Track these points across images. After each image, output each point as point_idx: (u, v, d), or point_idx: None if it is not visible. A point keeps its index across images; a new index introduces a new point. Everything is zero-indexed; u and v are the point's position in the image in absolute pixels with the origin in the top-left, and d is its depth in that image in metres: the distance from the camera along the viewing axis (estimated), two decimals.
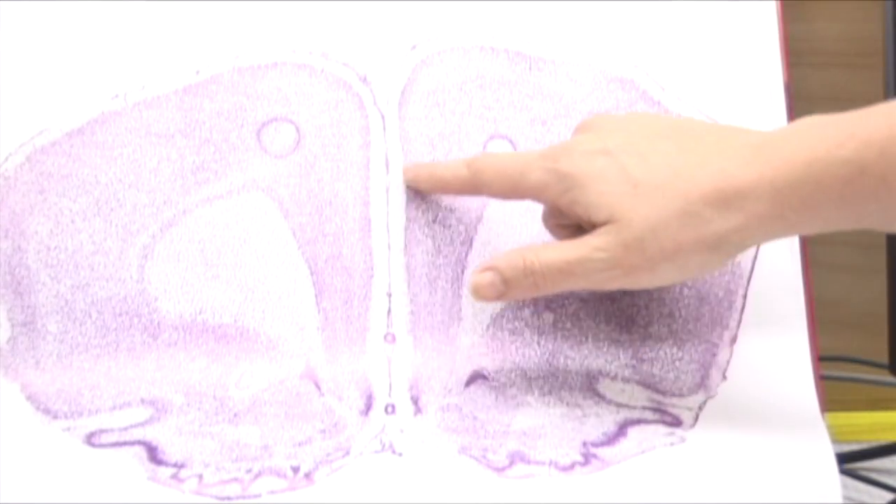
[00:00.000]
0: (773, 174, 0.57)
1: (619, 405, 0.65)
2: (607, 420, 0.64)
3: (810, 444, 0.63)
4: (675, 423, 0.64)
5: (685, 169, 0.59)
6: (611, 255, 0.59)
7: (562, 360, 0.66)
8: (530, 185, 0.62)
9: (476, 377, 0.65)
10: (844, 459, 0.80)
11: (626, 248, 0.59)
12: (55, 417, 0.62)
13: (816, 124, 0.59)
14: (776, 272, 0.67)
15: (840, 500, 0.61)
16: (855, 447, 0.84)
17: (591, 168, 0.60)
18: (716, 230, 0.58)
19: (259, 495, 0.59)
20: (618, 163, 0.60)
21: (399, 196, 0.67)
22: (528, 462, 0.61)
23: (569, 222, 0.63)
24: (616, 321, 0.66)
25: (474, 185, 0.64)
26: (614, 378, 0.66)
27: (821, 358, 0.68)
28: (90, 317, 0.64)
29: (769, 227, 0.59)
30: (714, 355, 0.66)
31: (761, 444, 0.62)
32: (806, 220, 0.58)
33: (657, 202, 0.58)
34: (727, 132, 0.62)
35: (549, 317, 0.66)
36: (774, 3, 0.72)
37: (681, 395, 0.65)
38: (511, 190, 0.63)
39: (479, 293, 0.62)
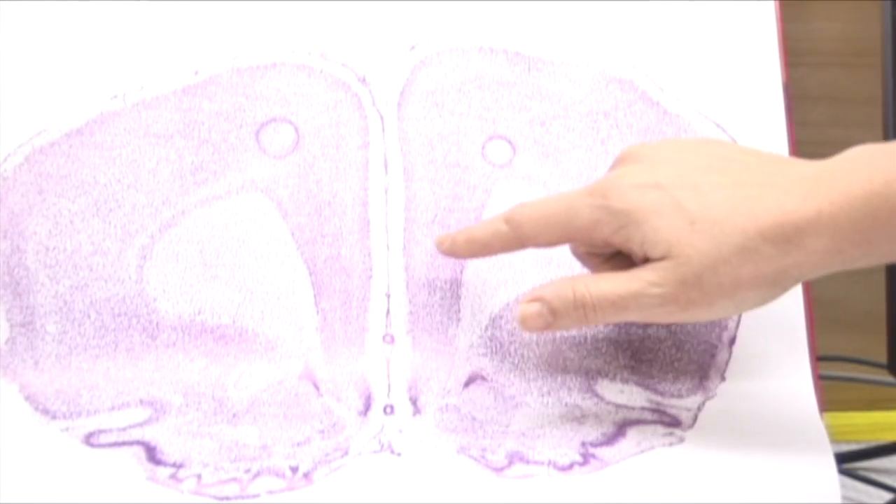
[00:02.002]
0: (832, 209, 0.57)
1: (618, 406, 0.65)
2: (606, 420, 0.64)
3: (809, 444, 0.63)
4: (674, 423, 0.64)
5: (742, 204, 0.58)
6: (667, 290, 0.58)
7: (560, 360, 0.66)
8: (580, 226, 0.60)
9: (475, 378, 0.65)
10: (843, 459, 0.80)
11: (683, 285, 0.58)
12: (54, 418, 0.62)
13: (869, 155, 0.58)
14: None
15: (839, 500, 0.61)
16: (854, 447, 0.84)
17: (645, 203, 0.59)
18: (775, 266, 0.57)
19: (258, 495, 0.59)
20: (672, 197, 0.58)
21: (398, 197, 0.67)
22: (527, 462, 0.61)
23: (601, 251, 0.63)
24: (615, 322, 0.66)
25: (518, 240, 0.62)
26: (613, 379, 0.66)
27: (820, 358, 0.68)
28: (89, 317, 0.64)
29: (828, 262, 0.58)
30: (713, 356, 0.66)
31: (760, 444, 0.62)
32: (864, 253, 0.58)
33: (716, 238, 0.57)
34: (778, 163, 0.61)
35: None
36: (773, 3, 0.72)
37: (679, 396, 0.65)
38: (559, 236, 0.61)
39: (527, 324, 0.60)
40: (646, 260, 0.59)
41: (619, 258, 0.62)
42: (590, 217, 0.60)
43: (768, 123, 0.70)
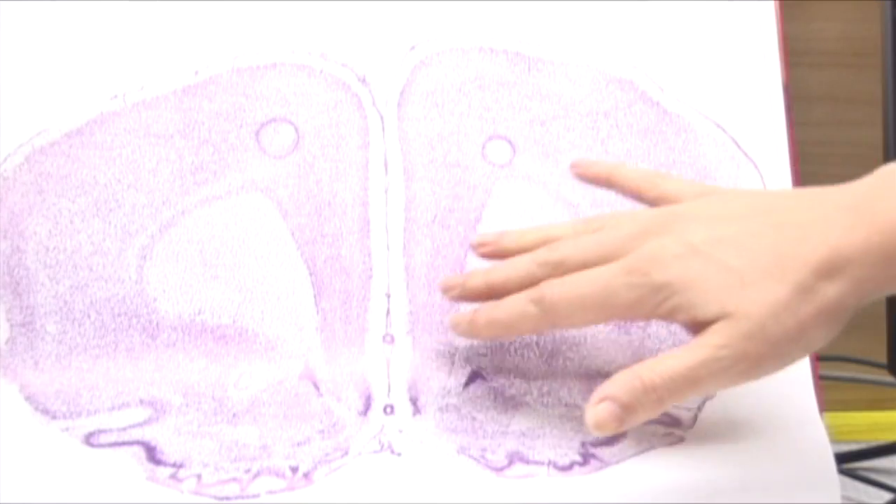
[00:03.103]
0: (879, 238, 0.56)
1: None
2: None
3: (809, 444, 0.63)
4: (674, 423, 0.64)
5: (786, 246, 0.57)
6: (735, 350, 0.56)
7: (560, 360, 0.66)
8: (620, 304, 0.58)
9: (475, 378, 0.65)
10: (843, 459, 0.80)
11: (749, 339, 0.56)
12: (54, 418, 0.62)
13: None
14: None
15: (839, 500, 0.61)
16: (854, 447, 0.84)
17: (688, 271, 0.57)
18: (833, 299, 0.56)
19: (258, 495, 0.59)
20: (713, 259, 0.57)
21: (398, 197, 0.67)
22: (527, 462, 0.61)
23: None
24: (615, 322, 0.66)
25: (549, 321, 0.60)
26: None
27: (819, 358, 0.67)
28: (89, 317, 0.64)
29: (880, 288, 0.57)
30: None
31: (760, 444, 0.62)
32: None
33: (769, 286, 0.56)
34: (809, 198, 0.59)
35: None
36: (773, 3, 0.72)
37: None
38: (595, 317, 0.59)
39: (602, 428, 0.57)
40: (699, 329, 0.57)
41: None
42: (630, 296, 0.58)
43: (768, 123, 0.70)
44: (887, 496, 0.78)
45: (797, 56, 0.77)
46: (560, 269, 0.60)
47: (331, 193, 0.67)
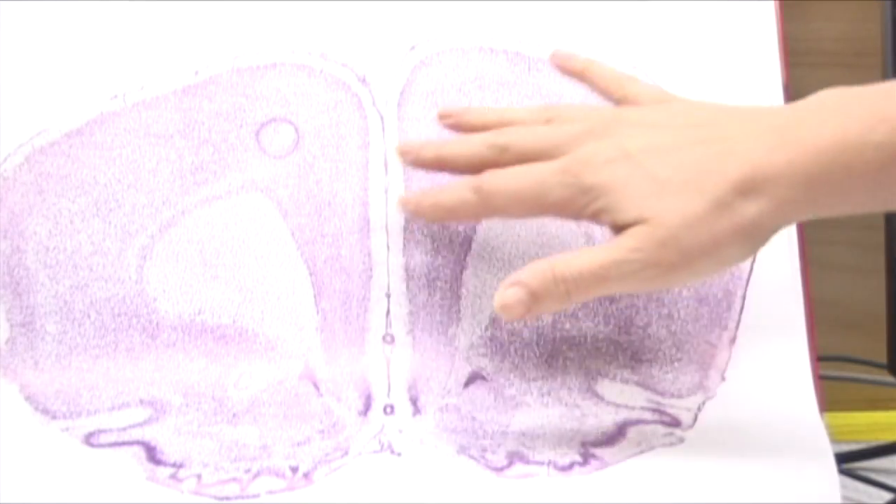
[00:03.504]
0: (803, 159, 0.57)
1: (618, 406, 0.65)
2: (606, 420, 0.64)
3: (809, 444, 0.63)
4: (674, 423, 0.64)
5: (712, 160, 0.58)
6: (647, 254, 0.57)
7: (560, 360, 0.66)
8: (551, 202, 0.60)
9: (475, 378, 0.65)
10: (843, 459, 0.80)
11: (662, 246, 0.57)
12: (54, 418, 0.62)
13: (840, 102, 0.58)
14: (775, 273, 0.67)
15: (839, 500, 0.61)
16: (854, 447, 0.84)
17: (616, 176, 0.59)
18: (750, 218, 0.57)
19: (258, 495, 0.59)
20: (642, 167, 0.58)
21: (398, 197, 0.67)
22: (527, 462, 0.61)
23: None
24: (615, 322, 0.66)
25: (486, 210, 0.62)
26: (613, 379, 0.66)
27: (820, 358, 0.68)
28: (89, 317, 0.64)
29: (801, 211, 0.58)
30: (713, 356, 0.66)
31: (760, 444, 0.62)
32: (837, 203, 0.58)
33: (688, 197, 0.57)
34: (747, 115, 0.61)
35: (547, 317, 0.66)
36: (773, 3, 0.72)
37: (679, 396, 0.65)
38: (529, 210, 0.61)
39: (507, 311, 0.59)
40: (621, 231, 0.59)
41: None
42: (561, 194, 0.59)
43: None
44: (887, 496, 0.78)
45: (797, 56, 0.77)
46: (505, 155, 0.62)
47: (331, 193, 0.67)
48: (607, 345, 0.66)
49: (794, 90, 0.72)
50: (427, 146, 0.66)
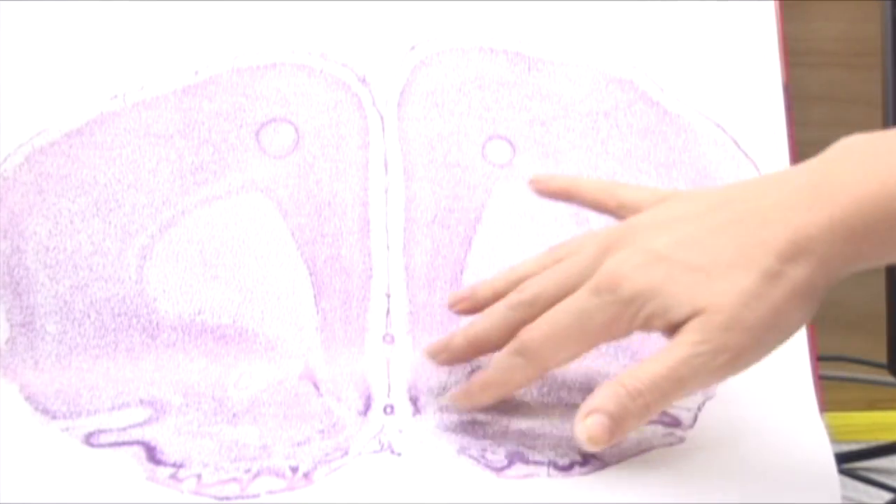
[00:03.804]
0: (843, 214, 0.55)
1: None
2: None
3: (809, 443, 0.63)
4: (674, 423, 0.64)
5: (748, 235, 0.57)
6: (713, 343, 0.56)
7: None
8: (596, 328, 0.58)
9: None
10: (843, 459, 0.80)
11: (726, 330, 0.55)
12: (54, 418, 0.62)
13: (866, 149, 0.57)
14: None
15: (839, 500, 0.61)
16: (854, 447, 0.84)
17: (653, 278, 0.57)
18: (802, 281, 0.56)
19: (258, 495, 0.59)
20: (678, 262, 0.57)
21: (398, 197, 0.67)
22: (527, 462, 0.61)
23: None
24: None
25: (539, 366, 0.59)
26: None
27: (820, 358, 0.67)
28: (89, 317, 0.64)
29: (850, 264, 0.57)
30: None
31: (760, 444, 0.62)
32: (886, 251, 0.57)
33: (737, 277, 0.56)
34: (766, 184, 0.59)
35: None
36: (773, 3, 0.72)
37: None
38: (578, 347, 0.59)
39: (595, 441, 0.57)
40: (675, 331, 0.57)
41: None
42: (605, 316, 0.57)
43: (768, 123, 0.70)
44: (887, 496, 0.78)
45: (797, 56, 0.77)
46: (534, 308, 0.60)
47: (331, 193, 0.67)
48: (607, 345, 0.66)
49: (794, 90, 0.72)
50: (455, 336, 0.63)
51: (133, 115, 0.67)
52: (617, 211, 0.63)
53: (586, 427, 0.57)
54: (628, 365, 0.65)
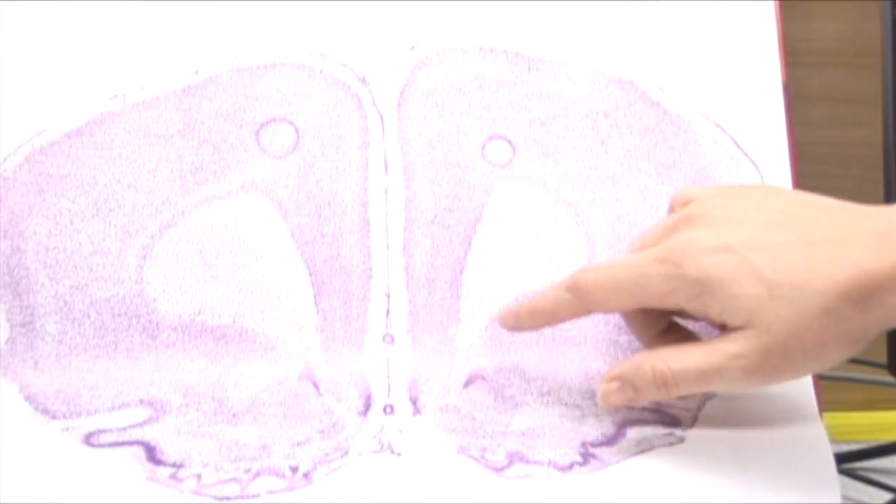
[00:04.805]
0: None
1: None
2: (606, 420, 0.64)
3: (809, 444, 0.63)
4: (674, 423, 0.64)
5: (819, 265, 0.56)
6: (750, 361, 0.57)
7: (560, 360, 0.66)
8: (652, 294, 0.59)
9: (475, 378, 0.65)
10: (843, 459, 0.80)
11: (767, 353, 0.56)
12: (54, 418, 0.62)
13: None
14: None
15: (839, 500, 0.61)
16: (854, 447, 0.84)
17: (721, 270, 0.57)
18: (858, 325, 0.56)
19: (258, 495, 0.59)
20: (747, 262, 0.57)
21: (398, 197, 0.67)
22: (527, 462, 0.61)
23: (657, 328, 0.62)
24: (615, 322, 0.66)
25: (585, 307, 0.61)
26: None
27: None
28: (89, 317, 0.64)
29: None
30: None
31: (760, 444, 0.62)
32: None
33: (797, 304, 0.56)
34: (847, 216, 0.59)
35: None
36: (773, 3, 0.72)
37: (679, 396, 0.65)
38: (629, 303, 0.60)
39: (609, 400, 0.61)
40: (723, 327, 0.58)
41: (673, 332, 0.62)
42: (663, 286, 0.58)
43: (768, 123, 0.70)
44: (887, 496, 0.78)
45: (797, 56, 0.77)
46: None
47: (331, 193, 0.67)
48: (607, 345, 0.66)
49: (794, 90, 0.72)
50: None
51: (133, 115, 0.67)
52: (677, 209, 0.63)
53: (607, 388, 0.61)
54: None
